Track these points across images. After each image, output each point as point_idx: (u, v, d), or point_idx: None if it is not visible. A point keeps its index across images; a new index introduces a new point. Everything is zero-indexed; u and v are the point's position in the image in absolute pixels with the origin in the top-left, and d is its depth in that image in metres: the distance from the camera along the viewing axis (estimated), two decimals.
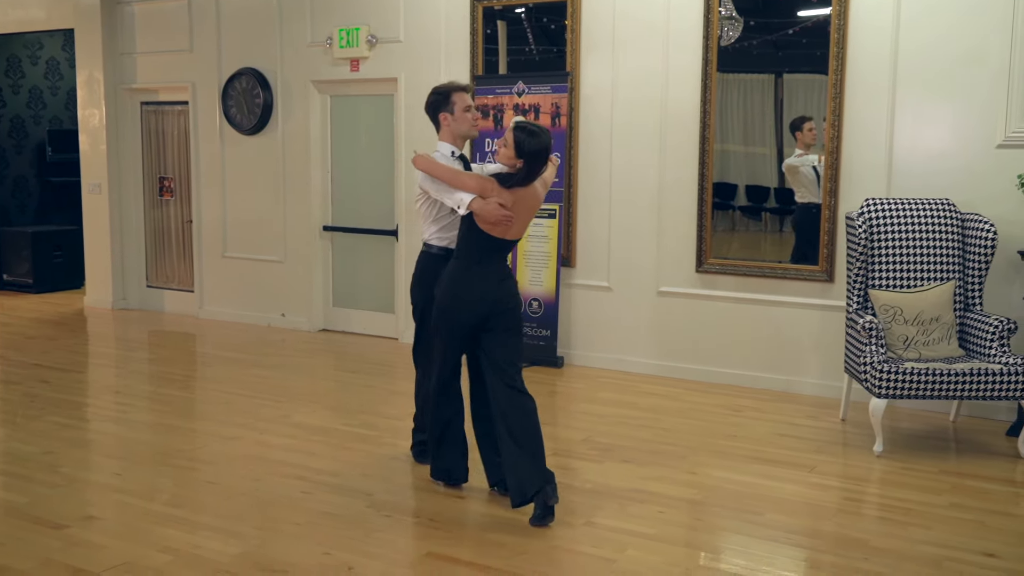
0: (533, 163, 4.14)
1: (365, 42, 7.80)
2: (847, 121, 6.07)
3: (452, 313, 4.28)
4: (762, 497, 4.48)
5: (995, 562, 3.79)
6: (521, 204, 4.20)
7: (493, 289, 4.25)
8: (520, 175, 4.15)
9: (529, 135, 4.12)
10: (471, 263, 4.25)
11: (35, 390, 6.42)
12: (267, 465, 4.91)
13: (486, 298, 4.22)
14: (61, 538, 3.97)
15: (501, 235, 4.20)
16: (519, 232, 4.30)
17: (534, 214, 4.39)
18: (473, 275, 4.25)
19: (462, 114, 4.51)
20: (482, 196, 4.13)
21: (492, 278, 4.26)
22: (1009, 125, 5.62)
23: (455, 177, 4.21)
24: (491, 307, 4.23)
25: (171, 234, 9.43)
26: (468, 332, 4.30)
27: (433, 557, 3.80)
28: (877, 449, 5.12)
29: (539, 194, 4.29)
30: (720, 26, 6.37)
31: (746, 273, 6.48)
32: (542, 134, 4.15)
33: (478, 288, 4.23)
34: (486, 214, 4.12)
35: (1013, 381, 4.98)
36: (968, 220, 5.51)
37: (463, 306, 4.24)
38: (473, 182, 4.17)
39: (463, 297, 4.24)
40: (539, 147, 4.11)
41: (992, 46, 5.62)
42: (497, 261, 4.31)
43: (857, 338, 5.39)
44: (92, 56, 9.26)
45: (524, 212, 4.24)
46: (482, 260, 4.25)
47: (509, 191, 4.14)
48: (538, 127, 4.20)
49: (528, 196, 4.24)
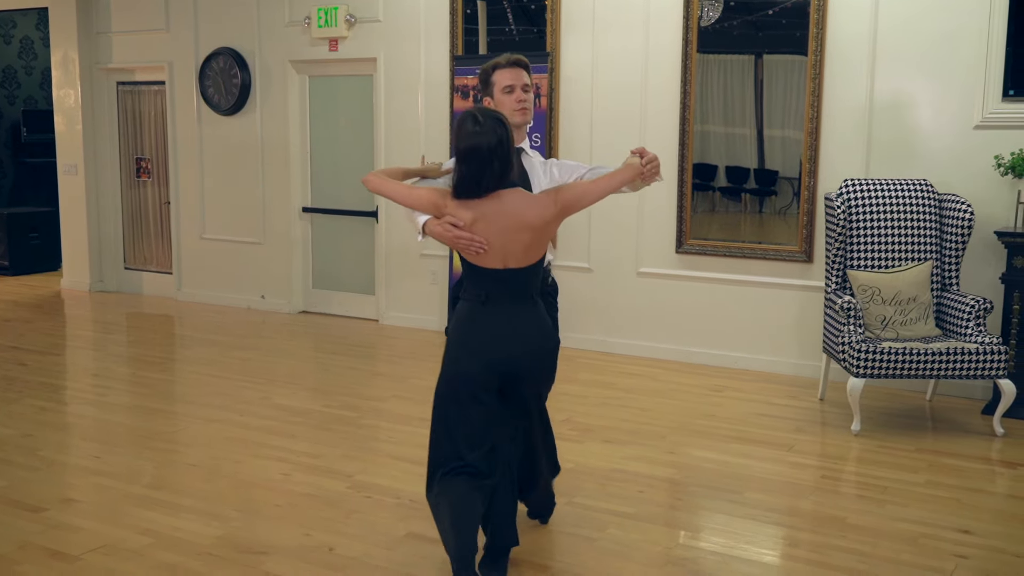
0: (465, 167, 3.13)
1: (344, 21, 7.75)
2: (826, 102, 6.08)
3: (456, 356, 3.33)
4: (741, 476, 4.52)
5: (970, 539, 3.83)
6: (489, 223, 3.15)
7: (503, 339, 3.27)
8: (458, 182, 3.17)
9: (464, 126, 3.16)
10: (477, 302, 3.30)
11: (12, 373, 6.38)
12: (247, 447, 4.90)
13: (496, 352, 3.26)
14: (39, 521, 3.95)
15: (482, 264, 3.21)
16: (507, 259, 3.20)
17: (528, 235, 3.19)
18: (479, 318, 3.30)
19: (502, 96, 3.59)
20: (438, 214, 3.21)
21: (502, 323, 3.27)
22: (987, 106, 5.65)
23: (407, 195, 3.29)
24: (507, 363, 3.27)
25: (148, 215, 9.37)
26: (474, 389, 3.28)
27: (413, 537, 3.81)
28: (855, 428, 5.16)
29: (519, 210, 3.17)
30: (700, 6, 6.37)
31: (726, 254, 6.50)
32: (482, 131, 3.11)
33: (486, 335, 3.28)
34: (436, 237, 3.24)
35: (989, 360, 5.02)
36: (945, 201, 5.54)
37: (469, 353, 3.29)
38: (426, 198, 3.24)
39: (468, 341, 3.31)
40: (468, 147, 3.11)
41: (970, 28, 5.64)
42: (504, 299, 3.26)
43: (835, 318, 5.43)
44: (67, 35, 9.17)
45: (500, 233, 3.16)
46: (488, 299, 3.27)
47: (464, 205, 3.16)
48: (487, 119, 3.15)
49: (497, 212, 3.15)
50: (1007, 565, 3.62)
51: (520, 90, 3.58)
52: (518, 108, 3.56)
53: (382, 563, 3.58)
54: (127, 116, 9.35)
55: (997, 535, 3.88)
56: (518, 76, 3.59)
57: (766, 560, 3.68)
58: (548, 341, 3.40)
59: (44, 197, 10.79)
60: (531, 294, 3.32)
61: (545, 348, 3.39)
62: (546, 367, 3.44)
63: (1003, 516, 4.09)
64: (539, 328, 3.35)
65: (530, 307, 3.32)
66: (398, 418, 5.35)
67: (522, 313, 3.30)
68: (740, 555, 3.68)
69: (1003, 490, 4.41)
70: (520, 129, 3.63)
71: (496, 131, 3.11)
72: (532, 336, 3.32)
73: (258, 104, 8.37)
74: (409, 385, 6.09)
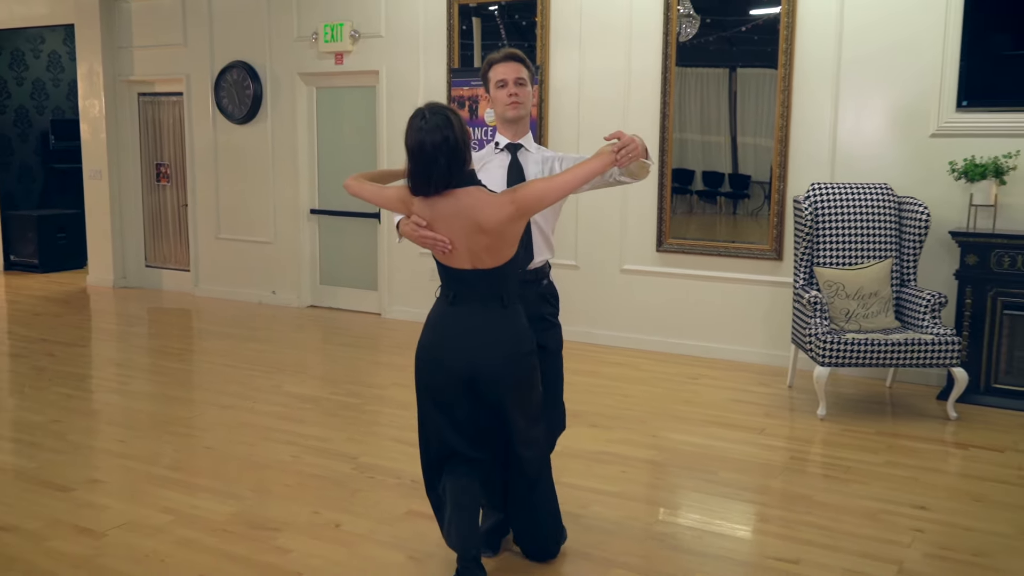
0: (412, 163, 2.84)
1: (348, 37, 7.74)
2: (795, 112, 6.09)
3: (421, 365, 3.06)
4: (716, 457, 4.53)
5: (926, 514, 3.86)
6: (447, 223, 2.87)
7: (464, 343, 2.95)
8: (409, 178, 2.88)
9: (412, 122, 2.84)
10: (445, 302, 3.04)
11: (42, 363, 6.37)
12: (260, 431, 4.90)
13: (455, 355, 2.96)
14: (68, 500, 3.96)
15: (450, 263, 2.95)
16: (474, 260, 2.91)
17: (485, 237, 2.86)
18: (444, 319, 3.02)
19: (496, 91, 3.29)
20: (408, 213, 2.95)
21: (465, 327, 2.96)
22: (942, 116, 5.66)
23: (378, 195, 3.06)
24: (469, 368, 2.94)
25: (168, 217, 9.36)
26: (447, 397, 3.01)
27: (413, 515, 3.82)
28: (820, 413, 5.18)
29: (472, 211, 2.84)
30: (679, 23, 6.37)
31: (702, 252, 6.51)
32: (426, 128, 2.78)
33: (446, 337, 2.99)
34: (406, 236, 2.99)
35: (943, 350, 5.04)
36: (904, 203, 5.56)
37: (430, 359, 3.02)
38: (395, 196, 2.98)
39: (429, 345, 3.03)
40: (413, 143, 2.81)
41: (926, 44, 5.66)
42: (472, 300, 2.96)
43: (803, 311, 5.44)
44: (92, 50, 9.14)
45: (459, 233, 2.87)
46: (456, 299, 3.00)
47: (425, 203, 2.88)
48: (434, 116, 2.81)
49: (454, 212, 2.85)
50: (959, 538, 3.64)
51: (513, 84, 3.25)
52: (509, 103, 3.26)
53: (385, 539, 3.60)
54: (147, 125, 9.33)
55: (950, 511, 3.90)
56: (511, 70, 3.25)
57: (739, 535, 3.70)
58: (518, 346, 2.99)
59: (71, 200, 10.75)
60: (501, 296, 2.97)
61: (513, 354, 2.97)
62: (516, 374, 2.99)
63: (956, 493, 4.11)
64: (508, 332, 2.97)
65: (499, 310, 2.97)
66: (399, 404, 5.36)
67: (489, 316, 2.96)
68: (715, 530, 3.70)
69: (956, 470, 4.44)
70: (516, 123, 3.32)
71: (442, 130, 2.78)
72: (498, 341, 2.95)
73: (269, 113, 8.36)
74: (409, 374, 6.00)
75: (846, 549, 3.51)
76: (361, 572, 3.33)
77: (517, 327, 3.01)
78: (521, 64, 3.28)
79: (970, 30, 5.50)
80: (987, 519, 3.82)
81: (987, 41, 5.49)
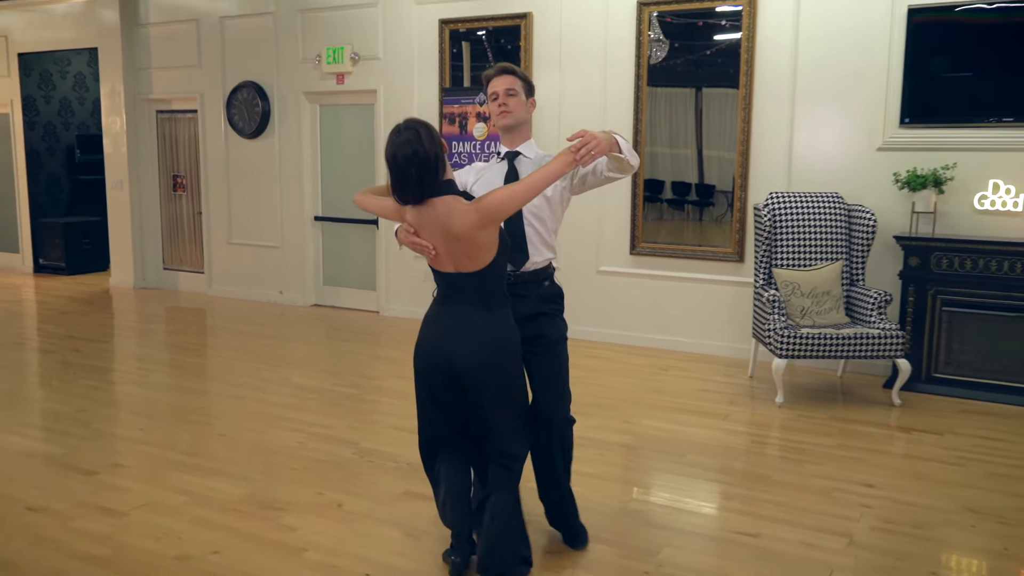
0: (390, 173, 2.76)
1: (349, 59, 7.71)
2: (754, 127, 6.11)
3: (415, 359, 3.00)
4: (684, 441, 4.54)
5: (873, 491, 3.88)
6: (428, 229, 2.79)
7: (445, 340, 2.88)
8: (391, 187, 2.82)
9: (390, 135, 2.75)
10: (436, 302, 2.99)
11: (68, 357, 6.32)
12: (268, 419, 4.88)
13: (437, 351, 2.90)
14: (92, 483, 3.93)
15: (437, 267, 2.88)
16: (456, 264, 2.82)
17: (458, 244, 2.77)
18: (433, 316, 2.97)
19: (491, 104, 3.16)
20: (402, 220, 2.89)
21: (447, 325, 2.89)
22: (887, 132, 5.69)
23: (378, 206, 2.97)
24: (449, 363, 2.86)
25: (183, 224, 9.30)
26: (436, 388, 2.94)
27: (410, 495, 3.80)
28: (779, 400, 5.19)
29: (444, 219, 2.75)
30: (650, 48, 6.37)
31: (672, 255, 6.52)
32: (399, 142, 2.70)
33: (432, 333, 2.93)
34: (400, 242, 2.91)
35: (889, 343, 5.07)
36: (853, 210, 5.58)
37: (420, 353, 2.96)
38: (391, 206, 2.89)
39: (420, 341, 2.97)
40: (388, 155, 2.73)
41: (873, 67, 5.68)
42: (457, 301, 2.88)
43: (763, 309, 5.45)
44: (114, 71, 9.07)
45: (439, 238, 2.79)
46: (444, 300, 2.94)
47: (413, 211, 2.81)
48: (406, 131, 2.71)
49: (431, 219, 2.77)
50: (903, 512, 3.66)
51: (503, 95, 3.10)
52: (499, 112, 3.11)
53: (383, 517, 3.58)
54: (165, 139, 9.26)
55: (895, 488, 3.92)
56: (502, 83, 3.11)
57: (705, 511, 3.70)
58: (495, 346, 2.84)
59: (95, 208, 10.68)
60: (483, 298, 2.85)
61: (490, 353, 2.83)
62: (493, 375, 2.85)
63: (900, 472, 4.13)
64: (486, 332, 2.84)
65: (480, 311, 2.85)
66: (396, 394, 5.34)
67: (472, 316, 2.85)
68: (683, 507, 3.70)
69: (900, 451, 4.45)
70: (512, 132, 3.15)
71: (412, 144, 2.68)
72: (476, 341, 2.83)
73: (276, 129, 8.31)
74: (405, 367, 6.00)
75: (801, 523, 3.52)
76: (361, 548, 3.31)
77: (497, 328, 2.87)
78: (512, 75, 3.14)
79: (911, 55, 5.53)
80: (928, 495, 3.84)
81: (926, 65, 5.51)
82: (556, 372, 3.20)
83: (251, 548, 3.30)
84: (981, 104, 5.39)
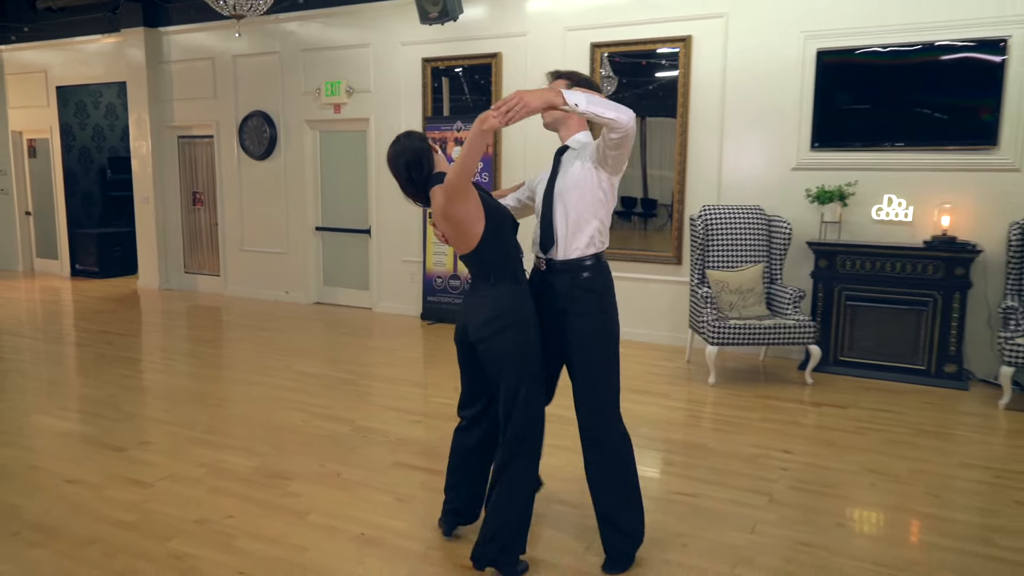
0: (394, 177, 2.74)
1: (345, 92, 7.65)
2: (690, 151, 6.15)
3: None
4: (633, 416, 4.54)
5: (791, 456, 3.92)
6: (435, 217, 2.70)
7: (463, 313, 2.76)
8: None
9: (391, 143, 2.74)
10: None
11: (102, 350, 6.21)
12: (276, 402, 4.83)
13: (458, 322, 2.79)
14: (122, 458, 3.87)
15: (455, 249, 2.73)
16: (455, 245, 2.70)
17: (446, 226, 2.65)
18: (466, 294, 2.82)
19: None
20: None
21: (467, 300, 2.77)
22: (799, 154, 5.76)
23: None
24: (463, 334, 2.75)
25: (202, 233, 9.17)
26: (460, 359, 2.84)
27: (399, 465, 3.79)
28: (711, 381, 5.22)
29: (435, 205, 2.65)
30: (602, 83, 6.39)
31: (621, 259, 6.54)
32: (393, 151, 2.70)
33: (460, 308, 2.81)
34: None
35: (802, 332, 5.13)
36: (773, 220, 5.64)
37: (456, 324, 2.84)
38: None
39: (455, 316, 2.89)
40: (387, 159, 2.73)
41: (788, 100, 5.75)
42: (475, 278, 2.74)
43: (697, 303, 5.49)
44: (140, 102, 8.93)
45: (442, 225, 2.68)
46: (471, 278, 2.80)
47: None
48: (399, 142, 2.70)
49: (434, 208, 2.68)
50: (815, 474, 3.70)
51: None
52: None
53: (377, 484, 3.56)
54: (185, 161, 9.13)
55: (809, 454, 3.97)
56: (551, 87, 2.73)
57: (649, 475, 3.72)
58: (493, 319, 2.60)
59: (124, 220, 10.51)
60: (487, 275, 2.66)
61: (486, 324, 2.61)
62: (497, 347, 2.60)
63: (813, 440, 4.17)
64: (489, 307, 2.61)
65: (489, 287, 2.64)
66: (386, 379, 5.31)
67: (483, 292, 2.66)
68: None
69: (812, 422, 4.50)
70: (558, 129, 2.81)
71: (401, 154, 2.67)
72: (480, 313, 2.63)
73: (282, 152, 8.23)
74: (394, 356, 6.04)
75: (731, 485, 3.56)
76: (358, 511, 3.29)
77: (501, 301, 2.61)
78: (557, 79, 2.80)
79: (820, 90, 5.59)
80: (835, 459, 3.89)
81: (832, 98, 5.59)
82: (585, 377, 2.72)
83: (262, 512, 3.27)
84: (878, 130, 5.47)
